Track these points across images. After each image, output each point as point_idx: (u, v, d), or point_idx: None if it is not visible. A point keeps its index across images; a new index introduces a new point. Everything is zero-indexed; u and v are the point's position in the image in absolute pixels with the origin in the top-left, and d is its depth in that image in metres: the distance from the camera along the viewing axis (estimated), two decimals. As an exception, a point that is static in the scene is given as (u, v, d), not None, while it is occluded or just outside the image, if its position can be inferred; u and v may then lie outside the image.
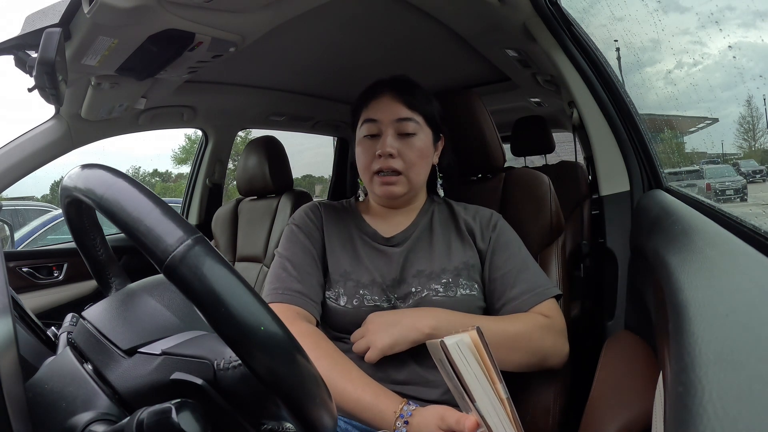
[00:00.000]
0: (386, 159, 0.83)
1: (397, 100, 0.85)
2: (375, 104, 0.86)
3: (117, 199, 0.32)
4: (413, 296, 0.81)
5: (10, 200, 4.08)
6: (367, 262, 0.84)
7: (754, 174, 2.39)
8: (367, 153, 0.85)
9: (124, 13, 0.89)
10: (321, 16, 1.18)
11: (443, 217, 0.91)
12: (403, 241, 0.87)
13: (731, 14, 0.95)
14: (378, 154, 0.83)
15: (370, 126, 0.85)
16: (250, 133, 3.31)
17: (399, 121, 0.84)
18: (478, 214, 0.90)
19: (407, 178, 0.84)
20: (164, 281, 0.43)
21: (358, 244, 0.87)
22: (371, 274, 0.83)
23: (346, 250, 0.87)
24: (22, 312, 0.46)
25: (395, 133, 0.84)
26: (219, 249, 1.35)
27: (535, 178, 0.98)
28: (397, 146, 0.83)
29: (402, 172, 0.84)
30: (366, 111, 0.87)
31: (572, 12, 1.10)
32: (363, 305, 0.80)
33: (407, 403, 0.68)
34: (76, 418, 0.35)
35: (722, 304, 0.37)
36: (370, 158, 0.85)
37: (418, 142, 0.85)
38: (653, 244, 0.64)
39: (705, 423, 0.24)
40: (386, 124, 0.84)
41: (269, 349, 0.31)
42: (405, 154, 0.84)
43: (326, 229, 0.89)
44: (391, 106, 0.85)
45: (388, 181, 0.84)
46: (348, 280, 0.83)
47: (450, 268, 0.82)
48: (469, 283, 0.82)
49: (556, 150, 2.32)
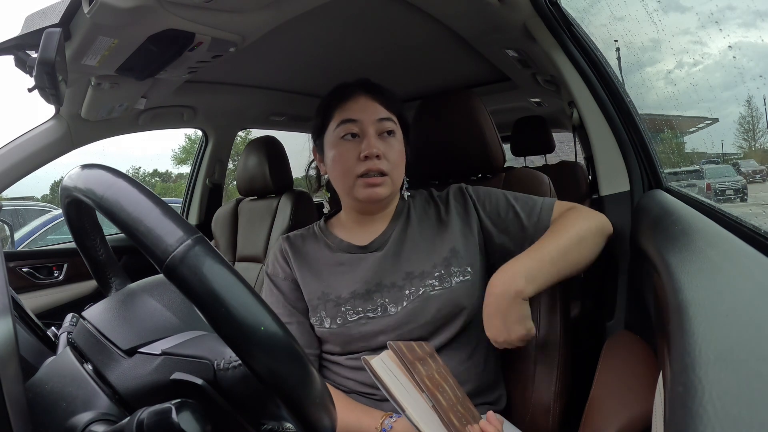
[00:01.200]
0: (373, 160, 0.79)
1: (374, 100, 0.83)
2: (352, 104, 0.82)
3: (117, 199, 0.32)
4: (407, 297, 0.80)
5: (10, 200, 4.08)
6: (343, 277, 0.83)
7: (754, 174, 2.39)
8: (348, 155, 0.80)
9: (124, 13, 0.89)
10: (321, 16, 1.18)
11: (419, 210, 0.89)
12: (381, 244, 0.85)
13: (731, 14, 0.95)
14: (364, 156, 0.79)
15: (350, 126, 0.81)
16: (250, 133, 3.31)
17: (380, 120, 0.81)
18: (450, 191, 0.89)
19: (391, 180, 0.81)
20: (164, 281, 0.43)
21: (331, 262, 0.85)
22: (350, 287, 0.81)
23: (319, 274, 0.85)
24: (22, 312, 0.46)
25: (376, 133, 0.81)
26: (219, 249, 1.35)
27: (535, 178, 0.98)
28: (381, 147, 0.80)
29: (387, 173, 0.80)
30: (341, 112, 0.82)
31: (572, 12, 1.10)
32: (347, 322, 0.80)
33: (389, 416, 0.71)
34: (76, 418, 0.35)
35: (722, 304, 0.37)
36: (352, 161, 0.80)
37: (397, 143, 0.83)
38: (653, 244, 0.64)
39: (705, 423, 0.24)
40: (367, 125, 0.81)
41: (269, 349, 0.31)
42: (388, 154, 0.81)
43: (296, 264, 0.87)
44: (370, 106, 0.82)
45: (373, 182, 0.80)
46: (327, 301, 0.82)
47: (439, 260, 0.81)
48: (461, 269, 0.81)
49: (556, 150, 2.32)
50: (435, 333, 0.79)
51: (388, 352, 0.67)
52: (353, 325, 0.79)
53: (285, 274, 0.87)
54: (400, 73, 1.80)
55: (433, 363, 0.70)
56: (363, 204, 0.84)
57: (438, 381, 0.67)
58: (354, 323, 0.79)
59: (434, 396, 0.64)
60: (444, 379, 0.69)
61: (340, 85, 0.87)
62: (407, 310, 0.79)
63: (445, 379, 0.70)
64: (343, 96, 0.84)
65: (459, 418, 0.64)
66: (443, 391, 0.66)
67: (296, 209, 1.64)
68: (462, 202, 0.87)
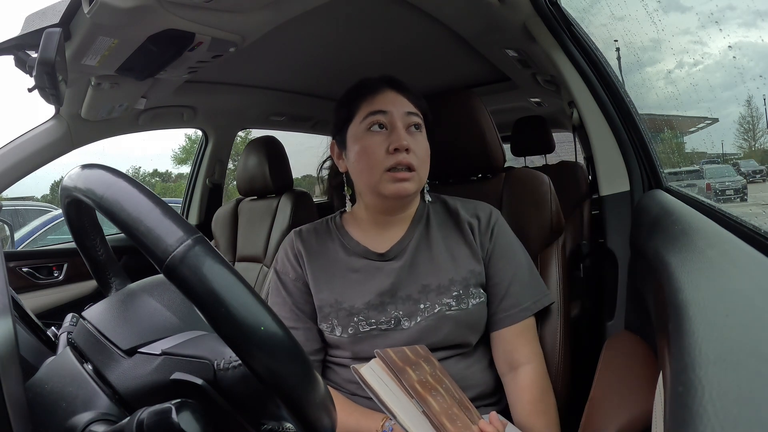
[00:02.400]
0: (402, 153, 0.76)
1: (401, 95, 0.81)
2: (380, 98, 0.80)
3: (117, 199, 0.32)
4: (422, 312, 0.78)
5: (10, 200, 4.08)
6: (358, 286, 0.80)
7: (754, 174, 2.39)
8: (376, 148, 0.77)
9: (124, 13, 0.89)
10: (321, 16, 1.18)
11: (440, 218, 0.86)
12: (399, 253, 0.82)
13: (732, 13, 0.95)
14: (393, 149, 0.75)
15: (379, 117, 0.78)
16: (250, 133, 3.30)
17: (408, 114, 0.79)
18: (478, 212, 0.85)
19: (419, 176, 0.78)
20: (164, 281, 0.43)
21: (346, 268, 0.82)
22: (364, 297, 0.79)
23: (333, 280, 0.82)
24: (22, 312, 0.46)
25: (404, 126, 0.78)
26: (219, 249, 1.35)
27: (535, 178, 0.98)
28: (410, 141, 0.77)
29: (416, 168, 0.77)
30: (368, 104, 0.79)
31: (572, 12, 1.10)
32: (358, 332, 0.78)
33: (389, 419, 0.71)
34: (76, 418, 0.35)
35: (722, 304, 0.37)
36: (381, 154, 0.76)
37: (423, 139, 0.81)
38: (653, 244, 0.64)
39: (705, 423, 0.24)
40: (397, 118, 0.78)
41: (269, 349, 0.31)
42: (416, 149, 0.77)
43: (309, 266, 0.83)
44: (398, 100, 0.80)
45: (402, 177, 0.76)
46: (340, 310, 0.79)
47: (458, 279, 0.79)
48: (477, 291, 0.80)
49: (556, 150, 2.32)
50: (444, 350, 0.78)
51: (377, 360, 0.67)
52: (365, 335, 0.78)
53: (296, 275, 0.84)
54: (400, 73, 1.78)
55: (427, 366, 0.70)
56: (388, 201, 0.80)
57: (432, 384, 0.67)
58: (366, 334, 0.78)
59: (425, 401, 0.64)
60: (439, 381, 0.69)
61: (364, 79, 0.85)
62: (421, 326, 0.77)
63: (440, 381, 0.69)
64: (369, 89, 0.81)
65: (453, 420, 0.64)
66: (437, 394, 0.66)
67: (296, 209, 1.64)
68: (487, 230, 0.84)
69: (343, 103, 0.84)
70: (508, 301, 0.81)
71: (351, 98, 0.82)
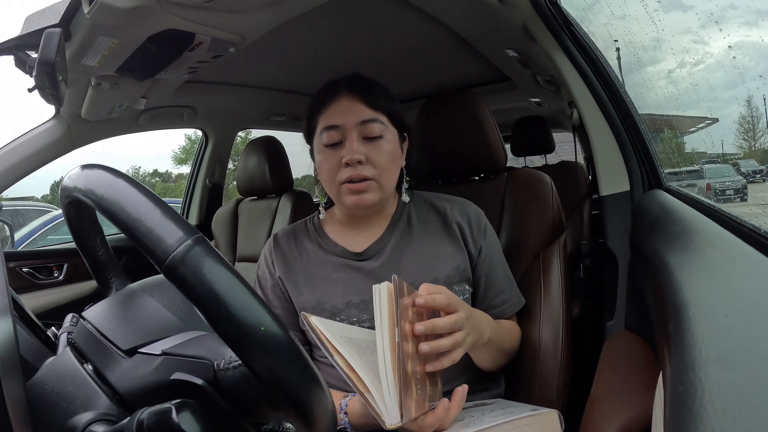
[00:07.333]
0: (354, 167, 0.75)
1: (358, 101, 0.78)
2: (333, 108, 0.78)
3: (117, 199, 0.32)
4: None
5: (10, 200, 4.08)
6: (338, 285, 0.80)
7: (754, 174, 2.39)
8: (331, 162, 0.77)
9: (124, 14, 0.89)
10: (321, 16, 1.18)
11: (423, 217, 0.85)
12: (377, 252, 0.81)
13: (732, 13, 0.96)
14: (345, 163, 0.75)
15: (331, 134, 0.77)
16: (250, 133, 3.30)
17: (363, 123, 0.77)
18: (467, 213, 0.84)
19: (379, 185, 0.77)
20: (164, 281, 0.43)
21: (325, 268, 0.82)
22: (345, 297, 0.78)
23: (313, 281, 0.81)
24: (22, 312, 0.46)
25: (360, 137, 0.77)
26: (219, 249, 1.35)
27: (537, 178, 0.98)
28: (365, 151, 0.76)
29: (373, 178, 0.76)
30: (324, 117, 0.79)
31: (572, 12, 1.10)
32: None
33: (345, 395, 0.72)
34: (76, 419, 0.35)
35: (722, 304, 0.37)
36: (335, 168, 0.77)
37: (386, 144, 0.78)
38: (653, 244, 0.64)
39: (705, 423, 0.24)
40: (349, 129, 0.76)
41: (269, 349, 0.31)
42: (374, 158, 0.76)
43: (285, 269, 0.83)
44: (352, 108, 0.77)
45: (357, 189, 0.76)
46: (322, 311, 0.79)
47: (443, 276, 0.79)
48: (461, 288, 0.80)
49: (556, 150, 2.32)
50: None
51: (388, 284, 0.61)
52: None
53: (273, 282, 0.84)
54: (400, 73, 1.80)
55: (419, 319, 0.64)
56: (352, 210, 0.81)
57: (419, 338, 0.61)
58: None
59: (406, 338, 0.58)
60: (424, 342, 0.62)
61: (326, 84, 0.83)
62: None
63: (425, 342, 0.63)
64: (325, 98, 0.80)
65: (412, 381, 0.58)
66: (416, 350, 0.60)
67: (296, 209, 1.64)
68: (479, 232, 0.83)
69: (306, 116, 0.85)
70: (501, 297, 0.83)
71: (311, 111, 0.83)
